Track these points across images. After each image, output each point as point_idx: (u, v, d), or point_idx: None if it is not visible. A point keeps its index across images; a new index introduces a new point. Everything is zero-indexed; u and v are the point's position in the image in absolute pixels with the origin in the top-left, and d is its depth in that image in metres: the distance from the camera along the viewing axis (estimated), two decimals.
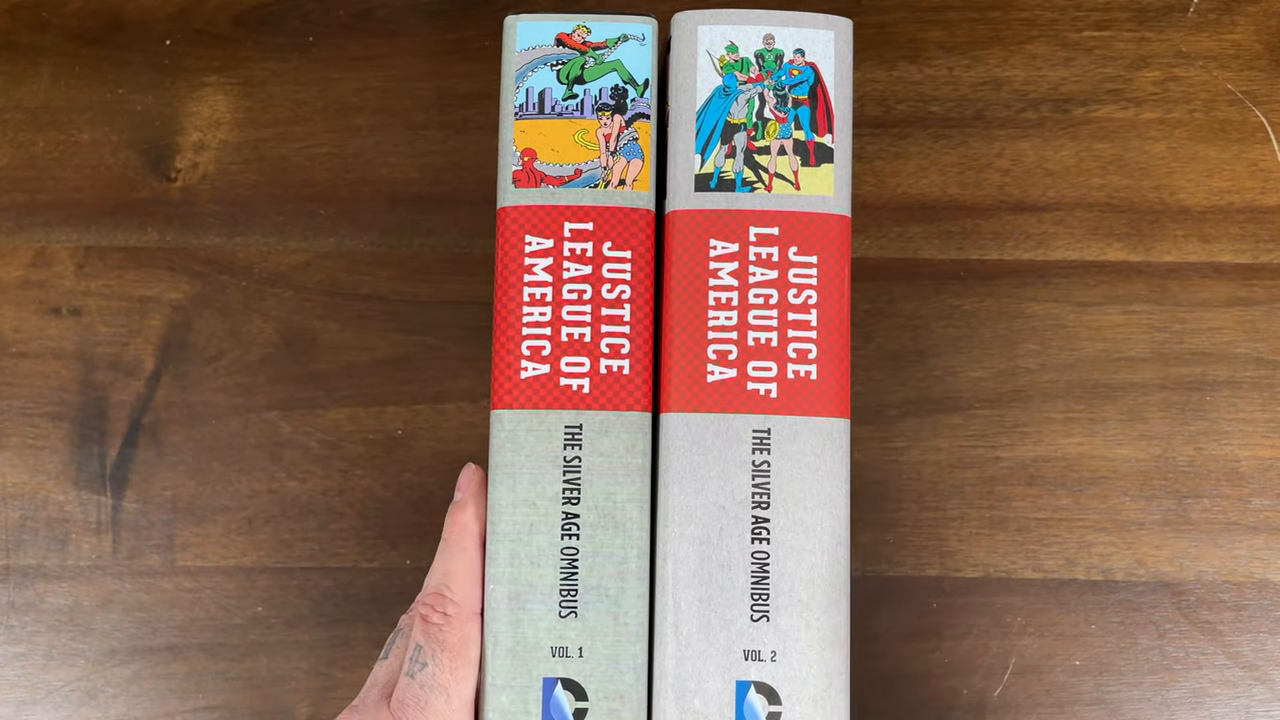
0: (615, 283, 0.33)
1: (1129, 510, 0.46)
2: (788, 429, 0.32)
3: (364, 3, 0.50)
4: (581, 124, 0.34)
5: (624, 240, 0.33)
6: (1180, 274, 0.48)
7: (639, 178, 0.34)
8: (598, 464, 0.32)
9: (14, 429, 0.47)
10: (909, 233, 0.48)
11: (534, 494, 0.32)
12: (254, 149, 0.49)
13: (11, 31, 0.50)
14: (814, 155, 0.34)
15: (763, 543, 0.32)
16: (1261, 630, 0.46)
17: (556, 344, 0.33)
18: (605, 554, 0.32)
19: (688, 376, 0.33)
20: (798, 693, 0.32)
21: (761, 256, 0.33)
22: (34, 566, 0.46)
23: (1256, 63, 0.50)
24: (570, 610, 0.32)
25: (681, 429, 0.32)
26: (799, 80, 0.34)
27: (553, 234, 0.33)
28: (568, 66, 0.34)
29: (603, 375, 0.33)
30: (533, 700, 0.31)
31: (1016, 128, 0.49)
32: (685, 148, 0.34)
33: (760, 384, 0.33)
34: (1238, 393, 0.47)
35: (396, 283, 0.48)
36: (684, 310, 0.33)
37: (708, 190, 0.33)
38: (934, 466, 0.47)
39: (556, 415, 0.32)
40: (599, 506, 0.32)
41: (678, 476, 0.32)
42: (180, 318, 0.48)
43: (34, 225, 0.48)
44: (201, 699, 0.45)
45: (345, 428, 0.47)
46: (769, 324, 0.33)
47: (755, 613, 0.32)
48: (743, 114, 0.34)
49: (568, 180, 0.33)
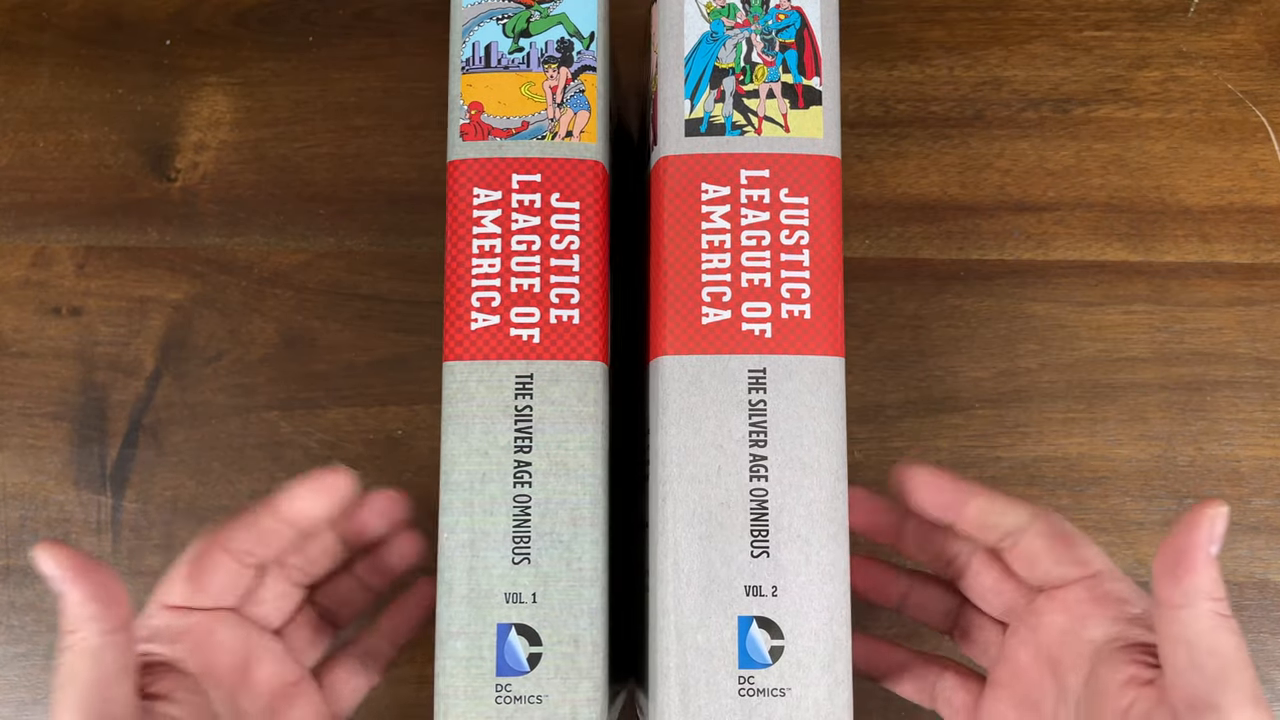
0: (564, 234, 0.33)
1: (1129, 510, 0.46)
2: (783, 368, 0.33)
3: (364, 3, 0.50)
4: (528, 76, 0.34)
5: (572, 191, 0.34)
6: (1180, 274, 0.48)
7: (586, 129, 0.34)
8: (549, 413, 0.33)
9: (14, 429, 0.47)
10: (909, 233, 0.48)
11: (486, 443, 0.33)
12: (254, 149, 0.49)
13: (11, 31, 0.50)
14: (802, 98, 0.34)
15: (761, 480, 0.32)
16: (1262, 630, 0.46)
17: (506, 295, 0.33)
18: (558, 500, 0.32)
19: (683, 319, 0.33)
20: (799, 626, 0.32)
21: (753, 199, 0.33)
22: (34, 566, 0.46)
23: (1256, 63, 0.50)
24: (524, 556, 0.32)
25: (678, 371, 0.33)
26: (785, 24, 0.34)
27: (500, 186, 0.34)
28: (514, 20, 0.34)
29: (553, 325, 0.33)
30: (487, 646, 0.32)
31: (1017, 128, 0.49)
32: (674, 94, 0.34)
33: (755, 324, 0.33)
34: (1238, 393, 0.47)
35: (396, 283, 0.48)
36: (677, 254, 0.33)
37: (698, 135, 0.34)
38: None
39: (507, 365, 0.33)
40: (551, 455, 0.33)
41: (675, 418, 0.33)
42: (180, 318, 0.48)
43: (34, 225, 0.48)
44: None
45: (345, 428, 0.47)
46: (762, 265, 0.33)
47: (755, 549, 0.32)
48: (731, 59, 0.34)
49: (515, 133, 0.34)
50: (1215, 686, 0.28)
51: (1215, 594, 0.29)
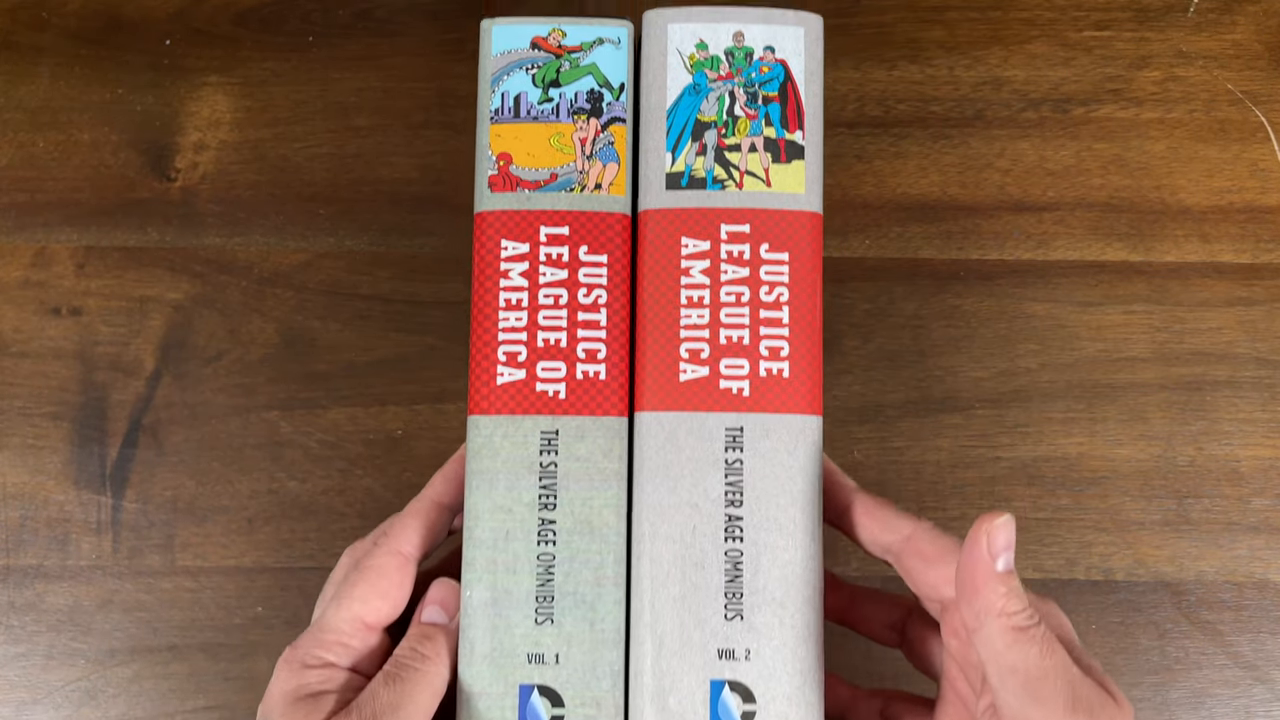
0: (591, 287, 0.33)
1: (1129, 510, 0.46)
2: (760, 426, 0.32)
3: (364, 3, 0.50)
4: (557, 128, 0.34)
5: (600, 244, 0.33)
6: (1180, 274, 0.48)
7: (615, 181, 0.34)
8: (574, 469, 0.32)
9: (14, 429, 0.47)
10: (909, 233, 0.48)
11: (510, 500, 0.32)
12: (254, 149, 0.49)
13: (11, 31, 0.50)
14: (784, 152, 0.34)
15: (736, 541, 0.32)
16: (1262, 630, 0.46)
17: (533, 349, 0.33)
18: (582, 560, 0.32)
19: (660, 375, 0.33)
20: (772, 690, 0.32)
21: (733, 254, 0.33)
22: (34, 566, 0.46)
23: (1256, 63, 0.50)
24: (547, 617, 0.32)
25: (655, 428, 0.32)
26: (769, 77, 0.34)
27: (528, 238, 0.33)
28: (543, 70, 0.34)
29: (579, 380, 0.33)
30: (509, 707, 0.31)
31: (1017, 128, 0.49)
32: (656, 146, 0.34)
33: (733, 382, 0.32)
34: (1238, 393, 0.47)
35: (396, 283, 0.48)
36: (656, 309, 0.33)
37: (679, 189, 0.33)
38: (934, 466, 0.47)
39: (533, 421, 0.32)
40: (575, 512, 0.32)
41: (651, 475, 0.32)
42: (180, 318, 0.48)
43: (34, 225, 0.48)
44: (202, 699, 0.45)
45: (345, 428, 0.47)
46: (741, 322, 0.33)
47: (729, 611, 0.32)
48: (713, 112, 0.34)
49: (543, 184, 0.33)
50: (1023, 704, 0.28)
51: (1008, 609, 0.28)
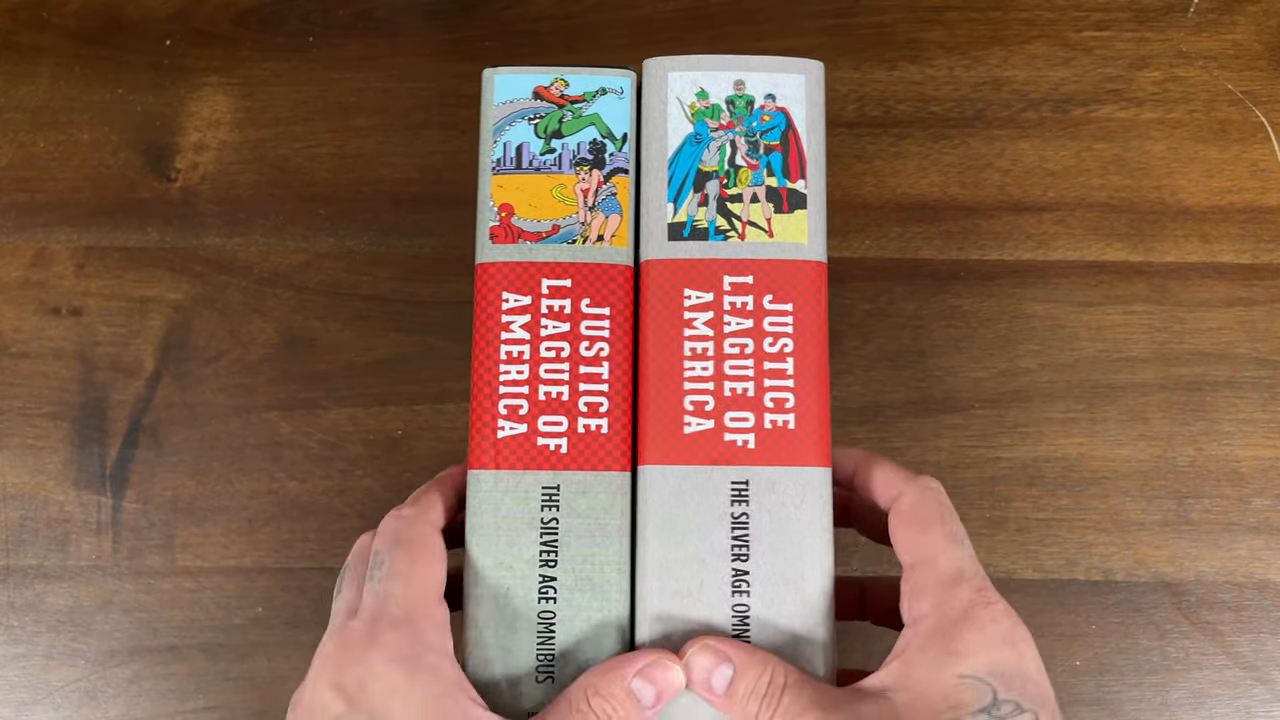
0: (593, 340, 0.32)
1: (1129, 510, 0.46)
2: (766, 480, 0.32)
3: (364, 3, 0.50)
4: (559, 179, 0.33)
5: (602, 297, 0.33)
6: (1180, 274, 0.48)
7: (617, 233, 0.33)
8: (575, 525, 0.32)
9: (14, 429, 0.47)
10: (909, 233, 0.48)
11: (510, 557, 0.32)
12: (254, 149, 0.49)
13: (11, 31, 0.50)
14: (787, 202, 0.33)
15: (743, 595, 0.31)
16: (1262, 630, 0.46)
17: (534, 403, 0.32)
18: (583, 618, 0.32)
19: (664, 428, 0.32)
20: None
21: (736, 305, 0.32)
22: (34, 567, 0.46)
23: (1256, 63, 0.50)
24: (547, 676, 0.31)
25: (659, 482, 0.32)
26: (770, 126, 0.33)
27: (530, 291, 0.33)
28: (546, 120, 0.33)
29: (580, 434, 0.32)
30: None
31: (1016, 128, 0.49)
32: (657, 196, 0.33)
33: (738, 435, 0.32)
34: (1238, 393, 0.47)
35: (396, 283, 0.48)
36: (659, 361, 0.32)
37: (681, 239, 0.33)
38: (934, 467, 0.47)
39: (534, 476, 0.32)
40: (576, 570, 0.32)
41: (656, 530, 0.32)
42: (180, 318, 0.48)
43: (34, 225, 0.48)
44: (202, 699, 0.45)
45: (345, 428, 0.47)
46: (745, 374, 0.32)
47: None
48: (714, 161, 0.33)
49: (545, 236, 0.33)
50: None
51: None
